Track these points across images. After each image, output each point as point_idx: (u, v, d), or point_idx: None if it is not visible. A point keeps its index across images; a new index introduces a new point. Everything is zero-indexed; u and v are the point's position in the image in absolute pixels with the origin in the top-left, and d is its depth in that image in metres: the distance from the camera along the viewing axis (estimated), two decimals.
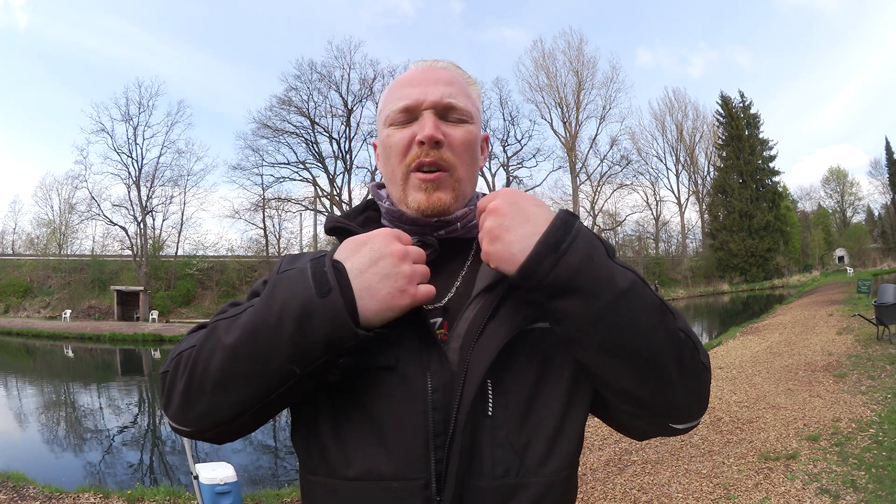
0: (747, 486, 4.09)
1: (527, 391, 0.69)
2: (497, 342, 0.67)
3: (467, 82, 0.84)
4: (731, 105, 49.60)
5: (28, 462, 6.93)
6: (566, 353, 0.70)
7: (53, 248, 39.09)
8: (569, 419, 0.70)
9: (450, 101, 0.77)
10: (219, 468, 3.45)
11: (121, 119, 36.10)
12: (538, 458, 0.67)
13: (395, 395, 0.67)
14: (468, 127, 0.79)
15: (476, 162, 0.82)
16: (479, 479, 0.66)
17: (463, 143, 0.78)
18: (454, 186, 0.77)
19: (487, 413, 0.67)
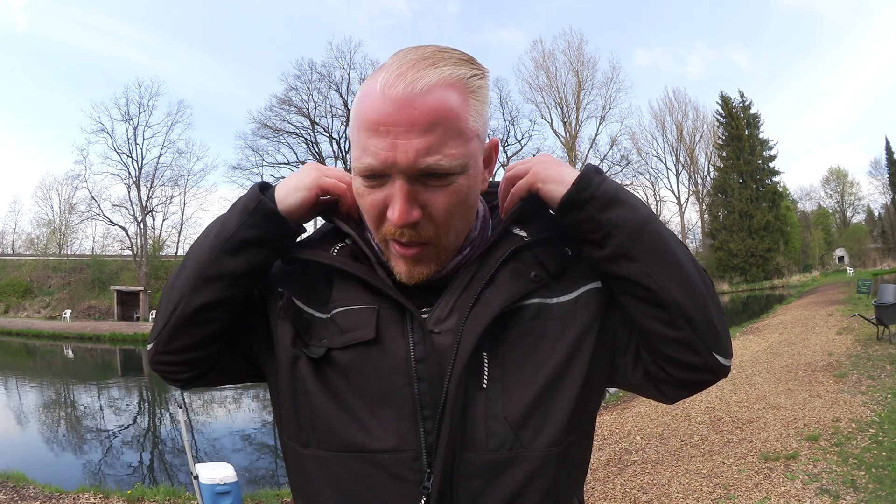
0: (747, 486, 4.09)
1: (523, 365, 0.68)
2: (492, 309, 0.67)
3: (467, 88, 0.64)
4: (731, 105, 49.61)
5: (28, 462, 6.93)
6: (563, 328, 0.71)
7: (53, 248, 39.14)
8: (563, 395, 0.69)
9: (427, 164, 0.61)
10: (219, 468, 3.45)
11: (121, 119, 36.33)
12: (532, 432, 0.66)
13: (378, 367, 0.67)
14: (456, 184, 0.64)
15: (469, 210, 0.69)
16: (472, 452, 0.65)
17: (447, 212, 0.65)
18: (439, 256, 0.69)
19: (482, 385, 0.66)
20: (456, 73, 0.63)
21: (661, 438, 5.59)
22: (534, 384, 0.68)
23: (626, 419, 6.62)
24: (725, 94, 50.34)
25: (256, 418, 11.03)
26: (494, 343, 0.68)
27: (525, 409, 0.67)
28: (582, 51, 46.60)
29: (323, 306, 0.73)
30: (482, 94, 0.67)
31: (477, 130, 0.66)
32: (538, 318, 0.70)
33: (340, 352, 0.68)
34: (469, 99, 0.64)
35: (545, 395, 0.68)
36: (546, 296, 0.72)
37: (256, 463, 7.78)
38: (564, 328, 0.71)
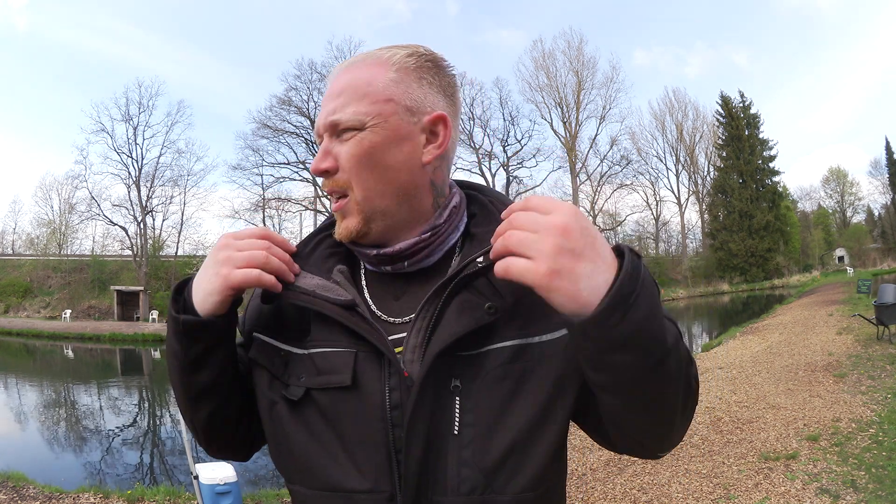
0: (747, 486, 4.09)
1: (496, 411, 0.67)
2: (433, 350, 0.66)
3: (386, 65, 0.72)
4: (731, 105, 49.61)
5: (28, 462, 6.93)
6: (540, 373, 0.68)
7: (53, 248, 39.11)
8: (541, 440, 0.68)
9: (333, 119, 0.71)
10: (219, 468, 3.45)
11: (121, 119, 36.18)
12: (505, 478, 0.66)
13: (355, 412, 0.68)
14: (358, 136, 0.70)
15: (383, 168, 0.71)
16: (444, 496, 0.66)
17: (351, 159, 0.70)
18: (358, 209, 0.72)
19: (454, 431, 0.67)
20: (379, 55, 0.73)
21: None
22: (509, 432, 0.66)
23: None
24: (725, 94, 50.38)
25: None
26: (469, 386, 0.67)
27: (498, 456, 0.66)
28: (582, 51, 46.65)
29: (300, 341, 0.73)
30: (410, 71, 0.72)
31: (389, 96, 0.71)
32: (518, 360, 0.68)
33: (319, 392, 0.70)
34: (387, 72, 0.71)
35: (521, 443, 0.67)
36: (527, 334, 0.68)
37: (256, 463, 7.77)
38: (546, 373, 0.68)
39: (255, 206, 37.91)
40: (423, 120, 0.72)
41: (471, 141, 43.95)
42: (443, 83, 0.75)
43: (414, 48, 0.74)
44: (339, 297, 0.70)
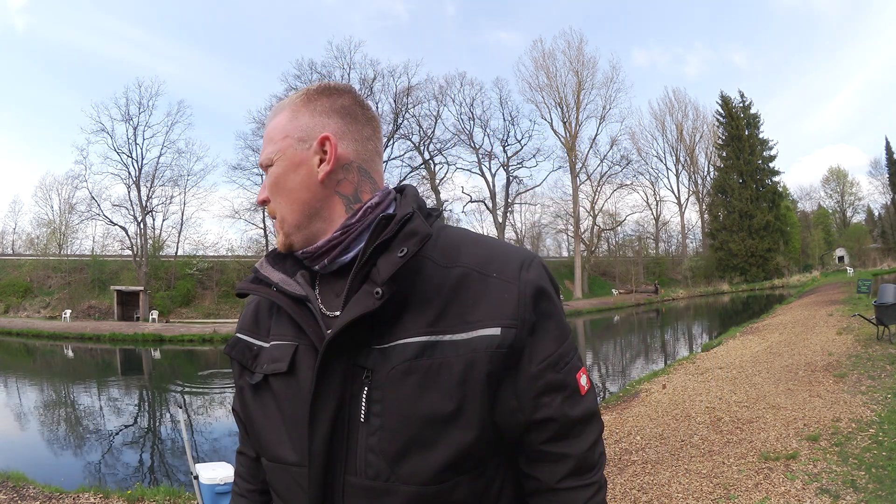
0: (747, 486, 4.09)
1: (402, 403, 0.71)
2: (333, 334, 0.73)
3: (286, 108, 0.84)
4: (731, 105, 49.62)
5: (28, 462, 6.93)
6: (449, 372, 0.71)
7: (53, 248, 39.09)
8: (445, 438, 0.71)
9: (259, 162, 0.85)
10: (219, 468, 3.45)
11: (121, 119, 36.03)
12: (408, 469, 0.71)
13: (293, 395, 0.78)
14: (270, 171, 0.83)
15: (290, 191, 0.81)
16: (354, 476, 0.73)
17: (268, 189, 0.84)
18: (280, 227, 0.83)
19: (360, 419, 0.73)
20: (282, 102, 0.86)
21: (661, 438, 5.59)
22: (412, 425, 0.71)
23: (626, 419, 6.62)
24: (725, 94, 50.42)
25: None
26: (379, 377, 0.72)
27: (401, 446, 0.71)
28: (582, 51, 46.62)
29: (267, 336, 0.86)
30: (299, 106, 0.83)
31: (286, 133, 0.82)
32: (425, 356, 0.71)
33: (272, 378, 0.81)
34: (285, 114, 0.83)
35: (423, 437, 0.71)
36: (437, 331, 0.72)
37: None
38: (451, 372, 0.71)
39: (255, 206, 37.87)
40: (314, 144, 0.81)
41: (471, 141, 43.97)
42: (334, 105, 0.83)
43: (308, 87, 0.86)
44: (294, 292, 0.80)
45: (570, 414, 0.77)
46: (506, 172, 44.70)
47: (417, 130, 41.13)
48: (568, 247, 51.56)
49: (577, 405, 0.77)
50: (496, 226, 44.54)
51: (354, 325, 0.72)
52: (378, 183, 0.85)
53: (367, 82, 37.39)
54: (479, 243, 0.80)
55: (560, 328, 0.78)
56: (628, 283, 44.78)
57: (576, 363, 0.79)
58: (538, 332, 0.75)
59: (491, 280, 0.75)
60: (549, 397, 0.76)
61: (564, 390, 0.77)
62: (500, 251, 0.78)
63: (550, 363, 0.75)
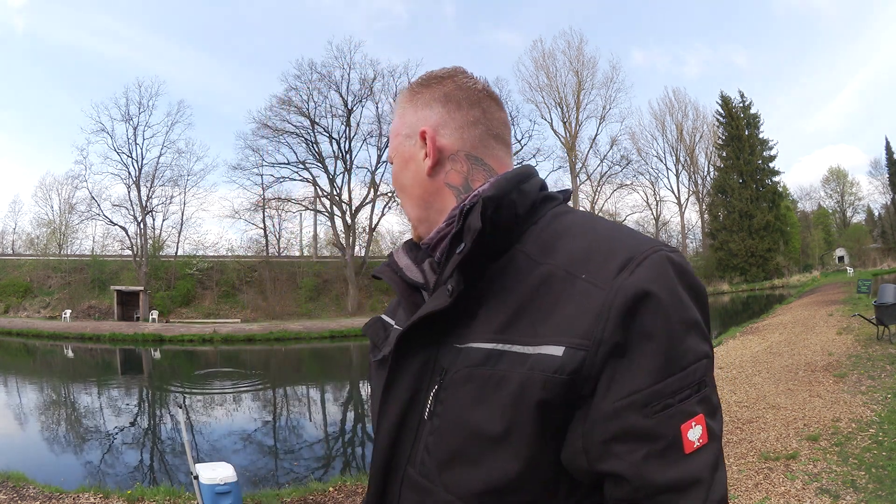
0: (747, 486, 4.08)
1: (458, 411, 0.66)
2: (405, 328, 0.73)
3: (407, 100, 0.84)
4: (731, 105, 49.60)
5: (28, 462, 6.93)
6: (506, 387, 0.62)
7: (53, 248, 39.09)
8: (490, 460, 0.63)
9: (388, 158, 0.88)
10: (219, 468, 3.45)
11: (121, 119, 36.07)
12: (451, 479, 0.66)
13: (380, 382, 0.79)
14: (392, 168, 0.87)
15: (408, 188, 0.83)
16: (412, 468, 0.71)
17: (394, 186, 0.88)
18: (410, 221, 0.86)
19: (424, 416, 0.71)
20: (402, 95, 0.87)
21: None
22: (460, 436, 0.66)
23: None
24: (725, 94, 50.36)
25: (256, 418, 11.04)
26: (446, 377, 0.68)
27: (448, 453, 0.67)
28: (582, 51, 46.64)
29: (395, 317, 0.90)
30: (404, 102, 0.85)
31: (396, 131, 0.85)
32: (486, 365, 0.64)
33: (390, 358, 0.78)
34: (399, 111, 0.86)
35: (467, 450, 0.65)
36: (504, 338, 0.64)
37: (256, 463, 7.78)
38: (507, 387, 0.62)
39: (255, 206, 37.92)
40: (417, 140, 0.82)
41: None
42: (435, 95, 0.81)
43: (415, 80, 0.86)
44: (412, 278, 0.80)
45: (653, 476, 0.57)
46: None
47: None
48: None
49: (669, 467, 0.57)
50: None
51: (426, 320, 0.69)
52: (495, 168, 0.79)
53: (367, 82, 37.42)
54: (587, 233, 0.67)
55: (669, 353, 0.58)
56: None
57: (687, 407, 0.58)
58: (626, 357, 0.58)
59: (577, 282, 0.62)
60: (623, 446, 0.58)
61: (652, 442, 0.57)
62: (606, 244, 0.64)
63: (637, 402, 0.58)
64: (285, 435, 9.71)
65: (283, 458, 8.12)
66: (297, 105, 36.90)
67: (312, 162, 37.90)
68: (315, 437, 9.63)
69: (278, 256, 39.38)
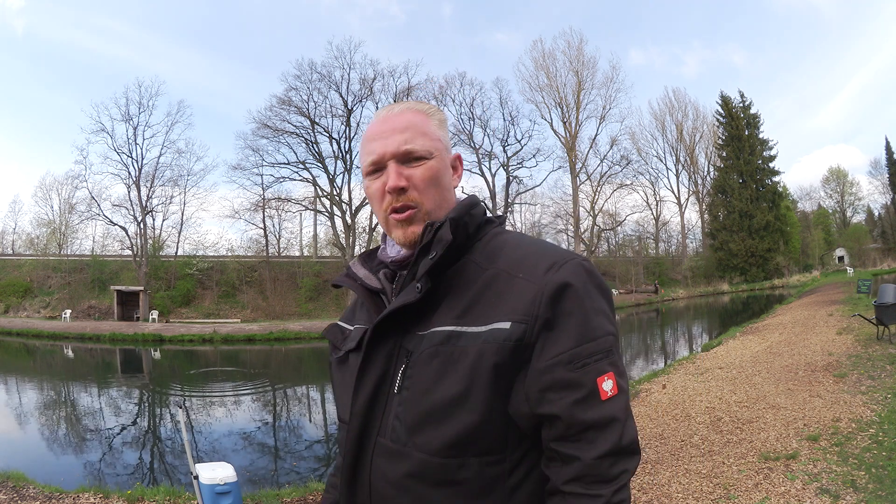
0: (747, 486, 4.08)
1: (425, 382, 0.82)
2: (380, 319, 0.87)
3: (428, 115, 0.95)
4: (731, 105, 49.60)
5: (28, 462, 6.93)
6: (466, 358, 0.80)
7: (53, 248, 39.06)
8: (454, 418, 0.80)
9: (406, 148, 0.90)
10: (219, 468, 3.45)
11: (121, 119, 35.92)
12: (421, 439, 0.81)
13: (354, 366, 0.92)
14: (428, 164, 0.91)
15: (443, 188, 0.93)
16: (383, 438, 0.85)
17: (424, 181, 0.91)
18: (425, 219, 0.91)
19: (393, 391, 0.86)
20: (416, 105, 0.97)
21: (661, 438, 5.59)
22: (429, 402, 0.81)
23: None
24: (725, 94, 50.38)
25: (256, 418, 11.03)
26: (415, 358, 0.84)
27: (417, 419, 0.82)
28: (582, 51, 46.58)
29: (353, 322, 1.03)
30: (438, 118, 0.98)
31: (438, 136, 0.95)
32: (448, 343, 0.82)
33: (350, 353, 0.96)
34: (428, 119, 0.95)
35: (436, 414, 0.81)
36: (461, 323, 0.82)
37: (256, 463, 7.77)
38: (466, 360, 0.80)
39: (255, 206, 37.86)
40: (451, 156, 0.98)
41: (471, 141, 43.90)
42: (445, 123, 1.00)
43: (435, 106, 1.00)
44: (372, 285, 0.96)
45: (580, 416, 0.77)
46: (506, 172, 44.68)
47: None
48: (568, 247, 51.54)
49: (590, 409, 0.77)
50: None
51: (398, 312, 0.85)
52: None
53: (367, 82, 37.39)
54: (521, 247, 0.88)
55: (583, 327, 0.79)
56: (628, 283, 44.76)
57: (601, 366, 0.78)
58: (554, 329, 0.79)
59: (516, 280, 0.82)
60: (555, 394, 0.78)
61: (576, 390, 0.77)
62: (536, 254, 0.85)
63: (562, 360, 0.78)
64: (285, 435, 9.71)
65: (283, 458, 8.12)
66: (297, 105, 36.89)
67: (312, 162, 37.90)
68: (315, 437, 9.63)
69: (278, 256, 39.36)
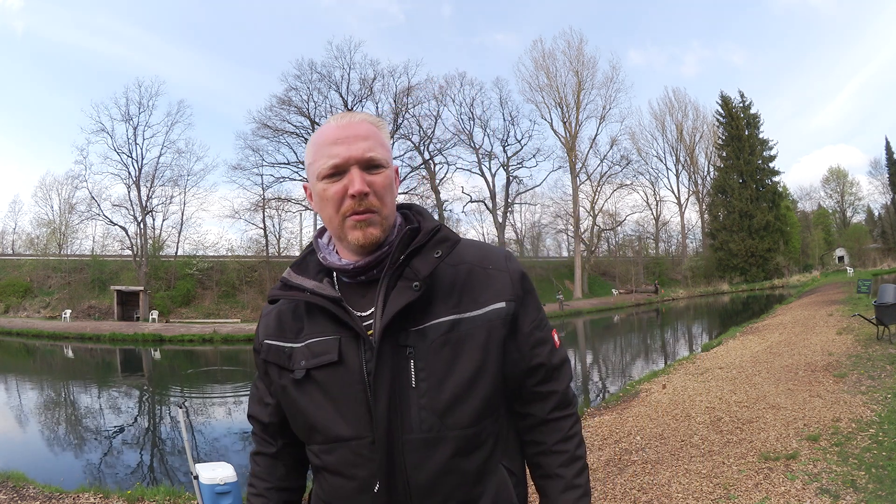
0: (747, 486, 4.08)
1: (442, 369, 0.92)
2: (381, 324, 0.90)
3: (380, 127, 1.00)
4: (731, 105, 49.60)
5: (28, 462, 6.92)
6: (472, 340, 0.94)
7: (53, 248, 39.04)
8: (476, 390, 0.94)
9: (370, 156, 0.95)
10: (219, 468, 3.45)
11: (121, 119, 35.96)
12: (453, 419, 0.92)
13: (343, 381, 0.93)
14: (385, 172, 0.97)
15: (393, 196, 1.00)
16: (410, 434, 0.90)
17: (383, 188, 0.96)
18: (382, 223, 0.97)
19: (412, 385, 0.91)
20: (370, 117, 1.01)
21: (661, 438, 5.58)
22: (453, 384, 0.92)
23: (625, 419, 6.61)
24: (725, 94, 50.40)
25: None
26: (420, 352, 0.92)
27: (446, 402, 0.92)
28: (582, 51, 46.59)
29: (297, 337, 1.00)
30: (386, 131, 1.03)
31: (389, 148, 1.01)
32: (454, 331, 0.94)
33: (316, 371, 0.95)
34: (381, 130, 1.00)
35: (462, 392, 0.93)
36: (459, 311, 0.95)
37: None
38: (475, 339, 0.94)
39: (255, 206, 37.90)
40: (393, 167, 1.02)
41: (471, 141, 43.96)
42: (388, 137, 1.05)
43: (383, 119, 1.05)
44: (331, 294, 0.96)
45: (553, 360, 1.05)
46: (506, 172, 44.70)
47: (417, 130, 41.16)
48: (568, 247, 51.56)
49: (555, 354, 1.05)
50: (496, 226, 44.53)
51: (400, 313, 0.90)
52: None
53: (367, 82, 37.45)
54: (472, 246, 1.04)
55: (537, 300, 1.06)
56: (628, 283, 44.76)
57: (550, 325, 1.07)
58: (526, 304, 1.02)
59: (489, 271, 1.00)
60: (539, 349, 1.03)
61: (547, 343, 1.04)
62: (488, 250, 1.04)
63: (536, 325, 1.03)
64: None
65: None
66: (297, 105, 36.94)
67: None
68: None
69: (278, 256, 39.35)
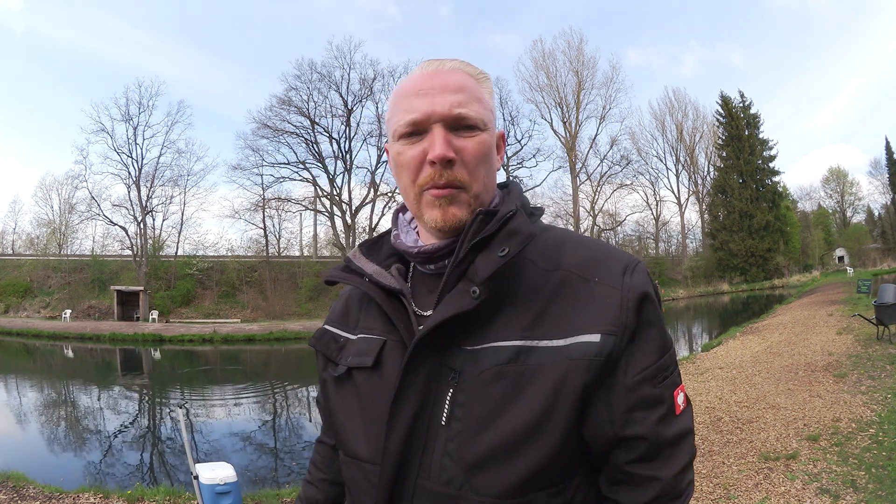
0: (747, 486, 4.09)
1: (487, 410, 0.67)
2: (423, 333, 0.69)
3: (480, 80, 0.78)
4: (731, 105, 49.59)
5: (28, 462, 6.92)
6: (540, 380, 0.67)
7: (53, 248, 39.06)
8: (528, 451, 0.66)
9: (460, 112, 0.73)
10: (219, 468, 3.45)
11: (121, 119, 36.01)
12: (483, 479, 0.67)
13: (375, 392, 0.75)
14: (481, 136, 0.74)
15: (491, 169, 0.77)
16: (427, 480, 0.69)
17: (476, 157, 0.74)
18: (469, 202, 0.74)
19: (441, 422, 0.69)
20: (468, 67, 0.79)
21: None
22: (495, 434, 0.67)
23: None
24: (725, 94, 50.38)
25: (256, 418, 11.03)
26: (466, 381, 0.69)
27: (480, 456, 0.67)
28: (582, 51, 46.59)
29: (354, 328, 0.84)
30: (489, 87, 0.80)
31: (491, 107, 0.78)
32: (516, 362, 0.67)
33: (356, 371, 0.79)
34: (480, 84, 0.78)
35: (506, 448, 0.66)
36: (531, 336, 0.68)
37: (256, 463, 7.77)
38: (543, 380, 0.67)
39: (255, 206, 37.86)
40: (497, 133, 0.80)
41: None
42: (492, 93, 0.81)
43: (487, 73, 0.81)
44: (389, 284, 0.77)
45: (663, 434, 0.70)
46: (506, 172, 44.67)
47: None
48: None
49: (671, 424, 0.70)
50: None
51: (447, 323, 0.68)
52: None
53: (368, 82, 37.39)
54: (581, 245, 0.76)
55: (662, 338, 0.72)
56: None
57: (675, 378, 0.72)
58: (638, 341, 0.70)
59: (593, 285, 0.70)
60: (642, 413, 0.69)
61: (660, 407, 0.70)
62: (602, 254, 0.74)
63: (648, 375, 0.70)
64: (285, 435, 9.71)
65: (283, 458, 8.11)
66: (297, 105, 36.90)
67: (312, 162, 37.92)
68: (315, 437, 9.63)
69: (278, 256, 39.35)
